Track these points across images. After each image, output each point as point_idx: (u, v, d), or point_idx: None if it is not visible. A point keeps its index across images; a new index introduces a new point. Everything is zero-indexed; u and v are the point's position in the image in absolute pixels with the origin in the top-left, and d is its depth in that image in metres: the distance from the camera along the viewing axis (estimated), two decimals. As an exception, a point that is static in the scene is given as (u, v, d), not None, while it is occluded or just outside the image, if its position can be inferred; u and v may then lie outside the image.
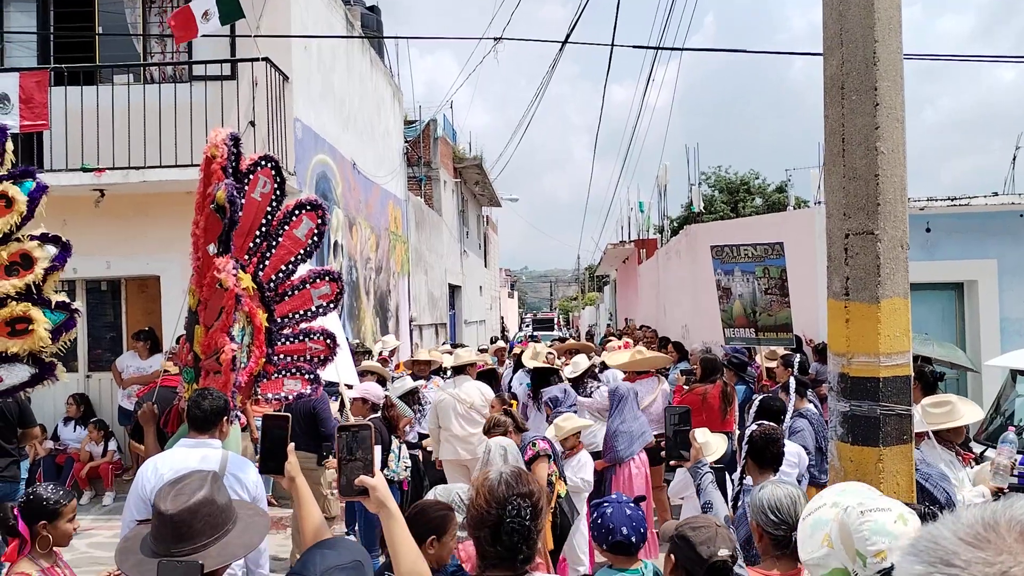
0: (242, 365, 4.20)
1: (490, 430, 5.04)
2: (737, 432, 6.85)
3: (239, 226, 4.23)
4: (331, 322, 4.84)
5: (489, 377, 8.77)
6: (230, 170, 3.95)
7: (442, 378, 8.91)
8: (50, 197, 9.54)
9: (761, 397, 4.57)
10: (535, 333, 34.11)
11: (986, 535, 0.85)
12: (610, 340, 13.07)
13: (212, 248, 3.95)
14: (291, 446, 2.58)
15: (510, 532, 2.25)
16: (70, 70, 9.03)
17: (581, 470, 5.95)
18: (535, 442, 5.26)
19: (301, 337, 4.56)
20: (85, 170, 8.70)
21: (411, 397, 7.72)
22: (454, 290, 23.70)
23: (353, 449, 2.11)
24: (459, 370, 7.36)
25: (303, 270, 4.60)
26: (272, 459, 2.58)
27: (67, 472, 9.08)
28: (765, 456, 4.33)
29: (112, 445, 9.40)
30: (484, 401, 7.00)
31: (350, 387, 6.92)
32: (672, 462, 3.50)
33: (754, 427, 4.46)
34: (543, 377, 8.07)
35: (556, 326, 53.28)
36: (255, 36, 9.05)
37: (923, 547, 0.88)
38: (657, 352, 10.28)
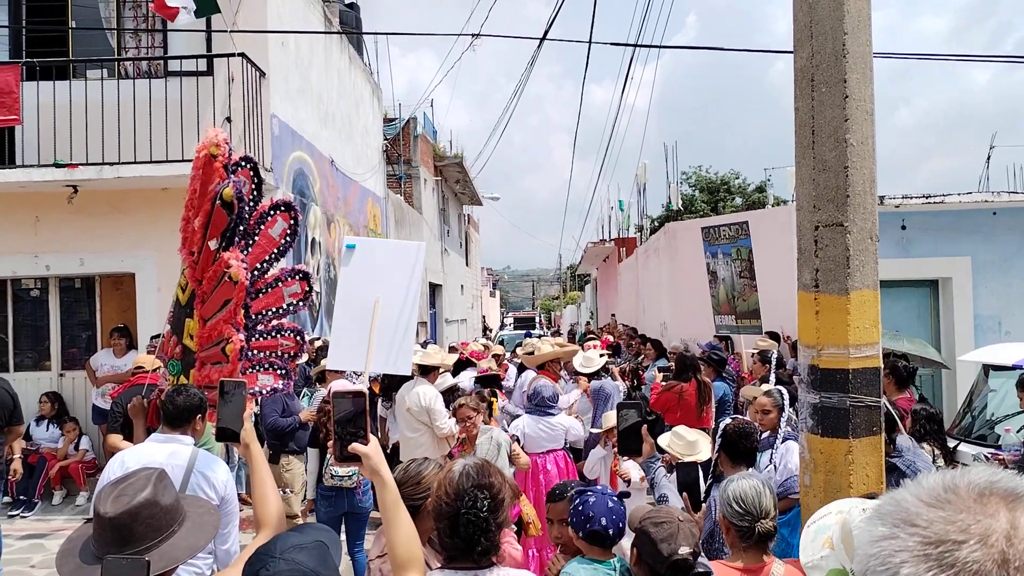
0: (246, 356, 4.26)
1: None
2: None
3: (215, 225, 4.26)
4: (407, 305, 4.15)
5: (491, 381, 8.48)
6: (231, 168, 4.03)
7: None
8: (23, 193, 9.50)
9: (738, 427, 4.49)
10: (503, 337, 30.70)
11: (946, 496, 0.89)
12: (589, 337, 13.07)
13: (214, 243, 4.02)
14: (247, 412, 2.57)
15: (467, 524, 2.26)
16: (43, 64, 8.91)
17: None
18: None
19: (273, 333, 4.59)
20: (58, 166, 8.60)
21: (449, 395, 7.59)
22: (435, 289, 23.61)
23: (348, 416, 2.11)
24: (424, 371, 7.16)
25: (276, 268, 4.64)
26: (228, 426, 2.58)
27: (39, 472, 8.95)
28: (739, 450, 4.35)
29: (85, 444, 9.29)
30: (419, 408, 6.71)
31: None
32: (625, 456, 3.49)
33: (728, 421, 4.47)
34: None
35: (538, 325, 53.09)
36: (231, 31, 8.98)
37: (887, 510, 0.92)
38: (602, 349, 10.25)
